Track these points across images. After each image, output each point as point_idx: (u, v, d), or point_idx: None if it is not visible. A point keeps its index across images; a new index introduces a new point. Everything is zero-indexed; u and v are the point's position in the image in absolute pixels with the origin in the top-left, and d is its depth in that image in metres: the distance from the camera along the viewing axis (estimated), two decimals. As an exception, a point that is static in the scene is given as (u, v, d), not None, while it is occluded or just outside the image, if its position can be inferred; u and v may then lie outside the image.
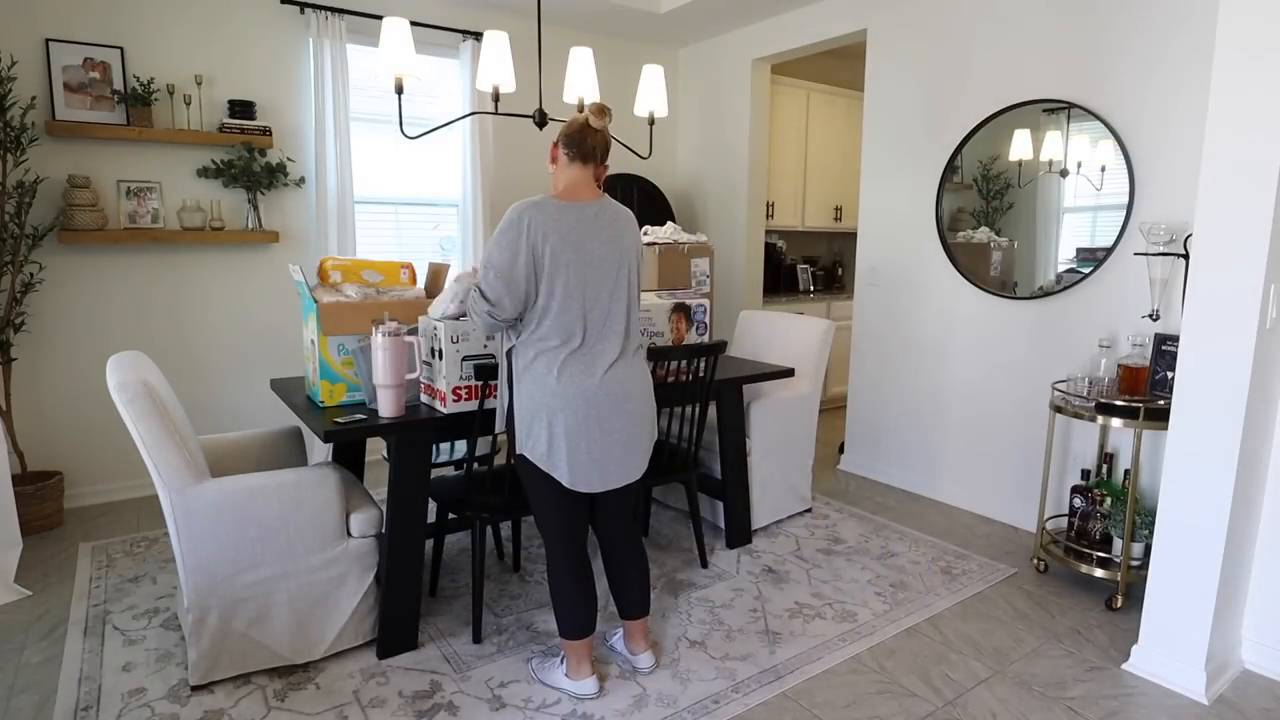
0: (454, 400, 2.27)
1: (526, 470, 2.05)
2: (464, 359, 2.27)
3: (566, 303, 1.95)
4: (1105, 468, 2.96)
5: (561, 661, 2.20)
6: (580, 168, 2.06)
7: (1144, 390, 2.71)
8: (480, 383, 2.21)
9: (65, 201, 3.32)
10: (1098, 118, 3.02)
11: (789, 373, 3.12)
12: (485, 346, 2.30)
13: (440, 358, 2.28)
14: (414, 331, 2.42)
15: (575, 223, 1.97)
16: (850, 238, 6.37)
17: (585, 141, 2.04)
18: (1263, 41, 1.95)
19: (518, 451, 2.03)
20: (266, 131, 3.72)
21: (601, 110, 2.04)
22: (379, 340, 2.14)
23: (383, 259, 4.24)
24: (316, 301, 2.27)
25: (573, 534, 2.10)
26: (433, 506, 3.66)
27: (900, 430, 3.95)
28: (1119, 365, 2.76)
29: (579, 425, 1.97)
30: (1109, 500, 2.79)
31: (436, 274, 2.61)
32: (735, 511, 3.14)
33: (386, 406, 2.20)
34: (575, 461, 1.99)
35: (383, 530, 2.32)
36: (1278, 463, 2.25)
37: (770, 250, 5.67)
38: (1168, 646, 2.25)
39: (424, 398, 2.38)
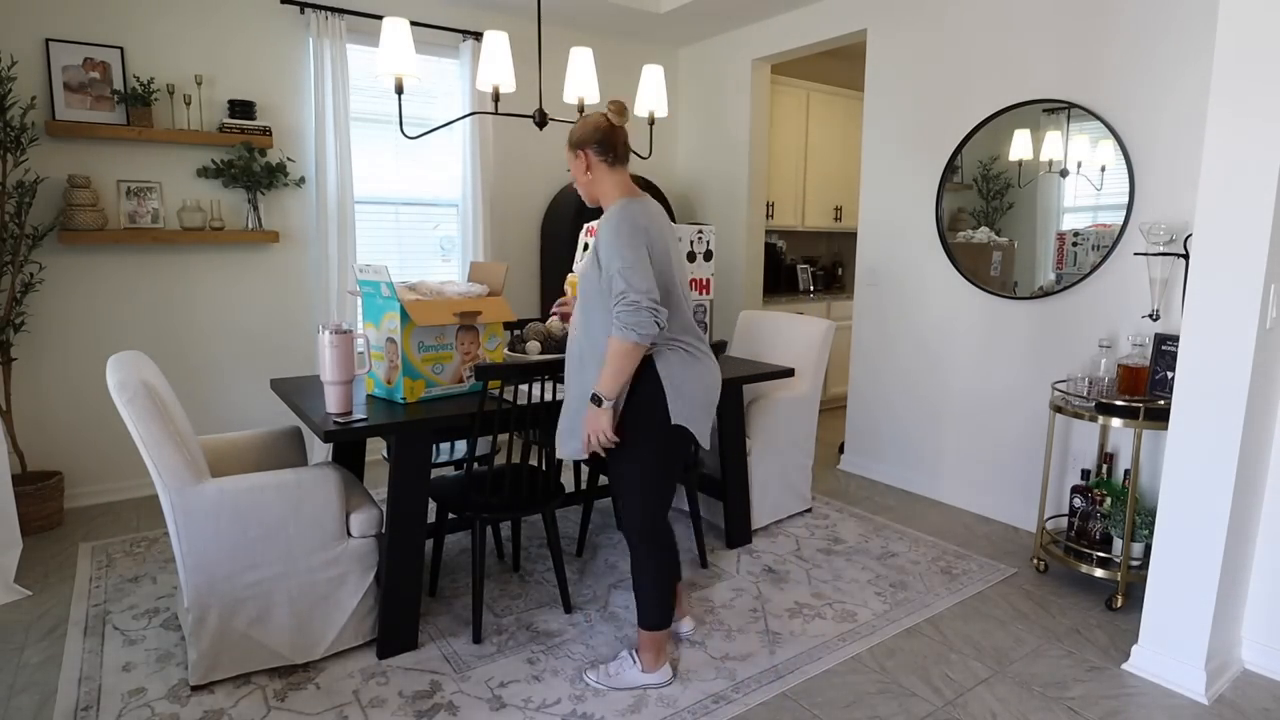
0: None
1: (658, 444, 2.06)
2: None
3: (672, 295, 2.06)
4: (1105, 468, 2.96)
5: (634, 660, 2.19)
6: (621, 170, 2.10)
7: (1144, 390, 2.71)
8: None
9: (65, 201, 3.32)
10: (1098, 118, 3.02)
11: (789, 373, 3.11)
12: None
13: None
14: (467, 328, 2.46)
15: (654, 218, 2.04)
16: (850, 238, 6.37)
17: (619, 143, 2.08)
18: (1262, 41, 1.95)
19: (674, 423, 2.04)
20: (266, 131, 3.72)
21: (622, 108, 2.07)
22: (326, 339, 2.17)
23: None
24: (401, 301, 2.29)
25: (666, 509, 2.15)
26: (433, 506, 3.66)
27: (900, 430, 3.95)
28: (1119, 365, 2.76)
29: (713, 394, 2.14)
30: (1109, 500, 2.79)
31: (487, 271, 2.63)
32: (735, 511, 3.14)
33: (333, 403, 2.21)
34: (710, 421, 2.14)
35: (383, 530, 2.32)
36: (1278, 462, 2.25)
37: (770, 250, 5.67)
38: (1168, 646, 2.25)
39: None
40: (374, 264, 2.40)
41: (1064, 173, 3.15)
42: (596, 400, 1.98)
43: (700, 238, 2.94)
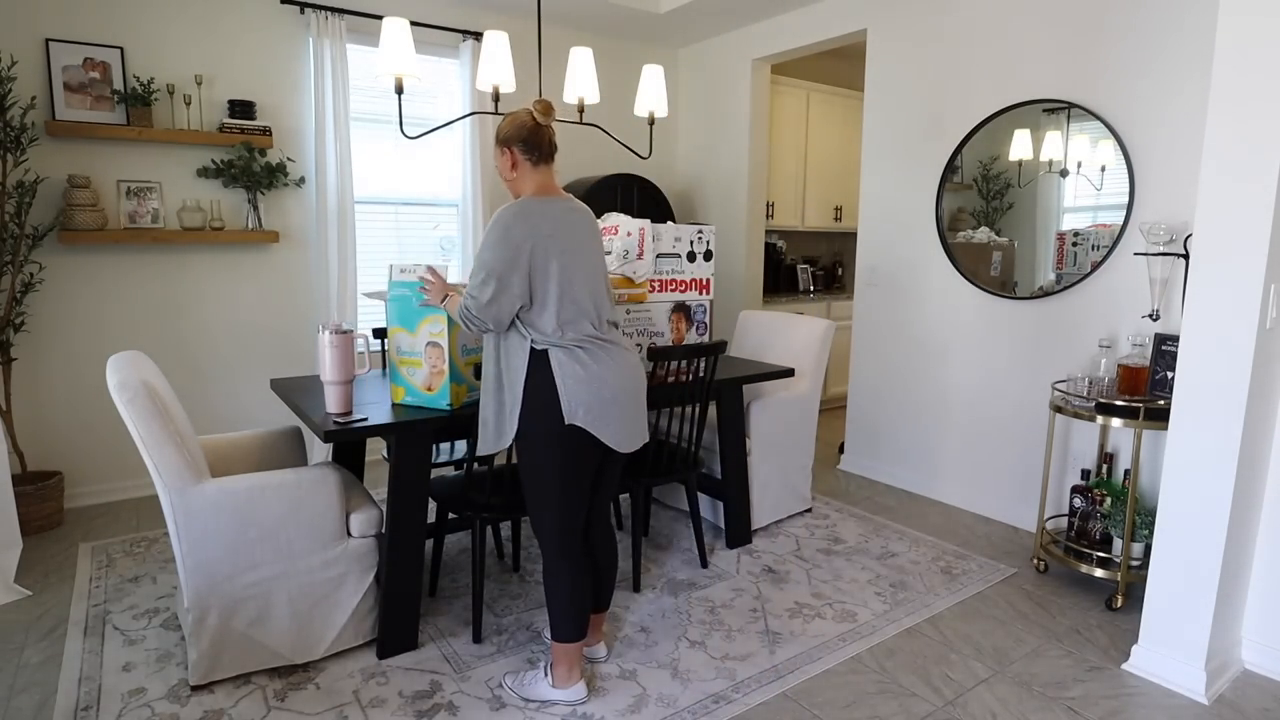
0: None
1: (555, 447, 1.98)
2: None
3: (567, 297, 1.98)
4: (1105, 468, 2.96)
5: (546, 673, 2.14)
6: (545, 169, 2.06)
7: (1144, 390, 2.71)
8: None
9: (65, 201, 3.32)
10: (1098, 118, 3.02)
11: (789, 373, 3.12)
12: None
13: None
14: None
15: (557, 219, 1.99)
16: (850, 238, 6.37)
17: (543, 142, 2.04)
18: (1262, 41, 1.95)
19: (568, 423, 1.95)
20: (266, 131, 3.72)
21: (548, 108, 2.03)
22: (326, 338, 2.17)
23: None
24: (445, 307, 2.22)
25: (578, 520, 2.07)
26: (433, 506, 3.66)
27: (900, 430, 3.95)
28: (1119, 365, 2.76)
29: (618, 394, 2.01)
30: (1109, 500, 2.79)
31: None
32: (735, 511, 3.14)
33: (333, 403, 2.21)
34: (622, 424, 2.03)
35: (383, 530, 2.32)
36: (1278, 462, 2.25)
37: (770, 250, 5.67)
38: (1168, 646, 2.25)
39: None
40: (415, 265, 2.32)
41: (1064, 173, 3.15)
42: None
43: (700, 238, 2.93)
